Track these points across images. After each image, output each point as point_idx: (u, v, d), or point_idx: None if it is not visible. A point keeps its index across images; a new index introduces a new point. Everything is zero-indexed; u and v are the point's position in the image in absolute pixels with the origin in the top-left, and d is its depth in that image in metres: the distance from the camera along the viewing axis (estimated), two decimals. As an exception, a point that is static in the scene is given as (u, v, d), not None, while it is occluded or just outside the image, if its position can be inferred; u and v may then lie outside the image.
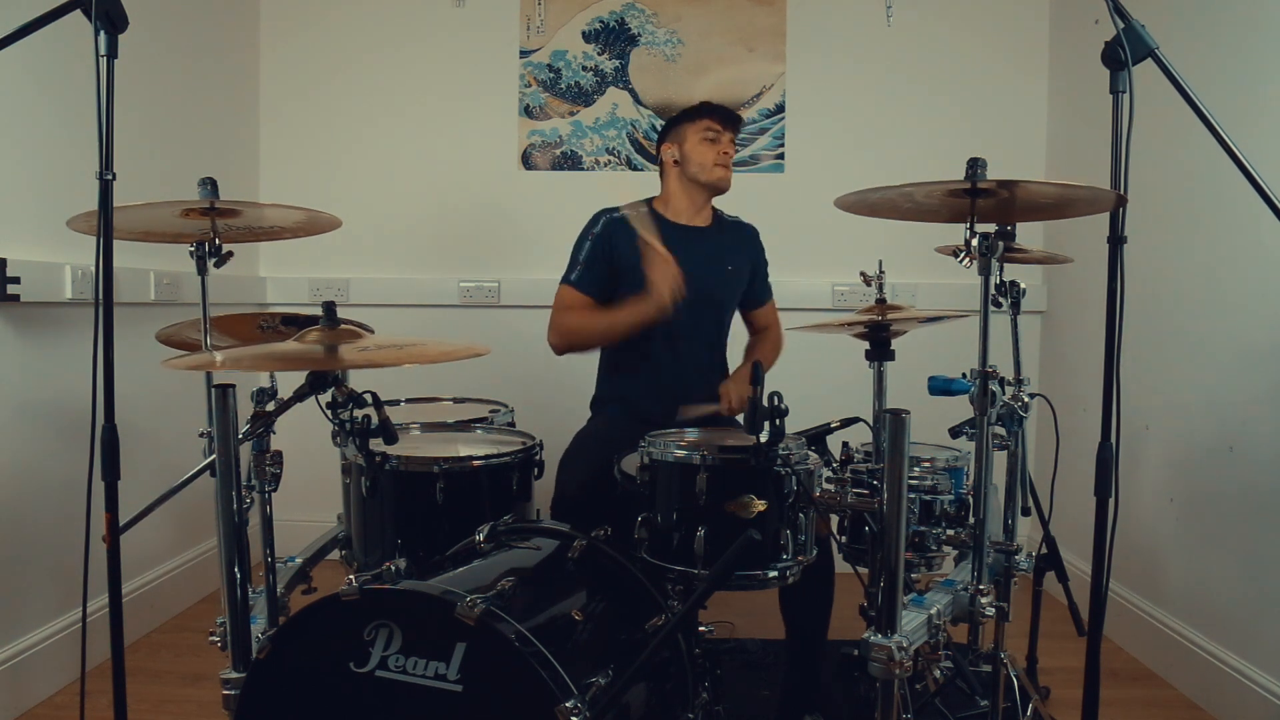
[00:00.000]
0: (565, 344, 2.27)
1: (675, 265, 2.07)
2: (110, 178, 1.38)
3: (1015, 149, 3.28)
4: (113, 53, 1.36)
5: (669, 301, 2.07)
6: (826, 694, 2.05)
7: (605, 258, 2.29)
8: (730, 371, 2.40)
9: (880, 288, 1.79)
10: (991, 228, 1.51)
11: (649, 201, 2.39)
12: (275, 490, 1.46)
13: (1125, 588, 2.61)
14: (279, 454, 1.45)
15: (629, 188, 3.01)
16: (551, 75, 3.34)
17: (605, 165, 3.34)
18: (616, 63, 3.34)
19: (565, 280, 2.31)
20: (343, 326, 1.39)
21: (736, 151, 2.38)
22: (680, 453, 1.57)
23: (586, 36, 3.33)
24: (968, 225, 1.50)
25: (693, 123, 2.32)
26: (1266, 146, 2.01)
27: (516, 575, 1.38)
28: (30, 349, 2.16)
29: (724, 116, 2.33)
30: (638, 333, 2.17)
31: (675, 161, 2.34)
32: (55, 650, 2.21)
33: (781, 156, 3.33)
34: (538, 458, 1.92)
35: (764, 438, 1.46)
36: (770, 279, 2.52)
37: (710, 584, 1.38)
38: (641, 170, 3.33)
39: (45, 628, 2.21)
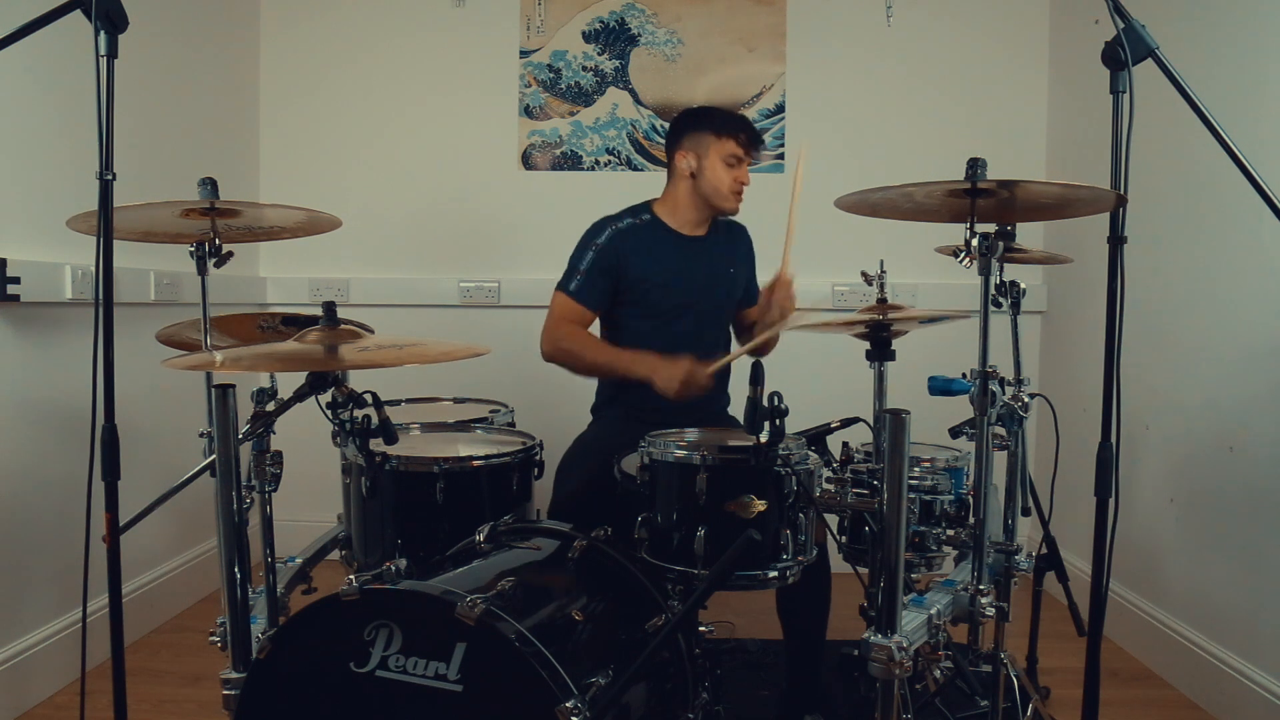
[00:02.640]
0: (557, 357, 2.20)
1: (706, 379, 2.02)
2: (110, 178, 1.38)
3: (1015, 149, 3.28)
4: (113, 53, 1.36)
5: (670, 395, 2.01)
6: (826, 694, 2.05)
7: (609, 271, 2.22)
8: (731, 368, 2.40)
9: (881, 288, 1.79)
10: (991, 228, 1.51)
11: (650, 206, 2.33)
12: (275, 490, 1.46)
13: (1125, 588, 2.61)
14: (279, 454, 1.45)
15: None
16: (551, 75, 3.34)
17: (605, 165, 3.34)
18: (616, 63, 3.34)
19: (563, 288, 2.23)
20: (343, 326, 1.39)
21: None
22: (680, 453, 1.57)
23: (586, 36, 3.33)
24: (968, 225, 1.50)
25: (719, 139, 2.20)
26: (1266, 147, 2.00)
27: (517, 575, 1.38)
28: (30, 349, 2.16)
29: (752, 140, 2.23)
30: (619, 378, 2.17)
31: (691, 174, 2.25)
32: (55, 650, 2.21)
33: (781, 156, 3.33)
34: (538, 458, 1.92)
35: (764, 438, 1.46)
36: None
37: (710, 584, 1.38)
38: (642, 170, 3.33)
39: (45, 628, 2.21)
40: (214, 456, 1.36)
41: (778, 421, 1.46)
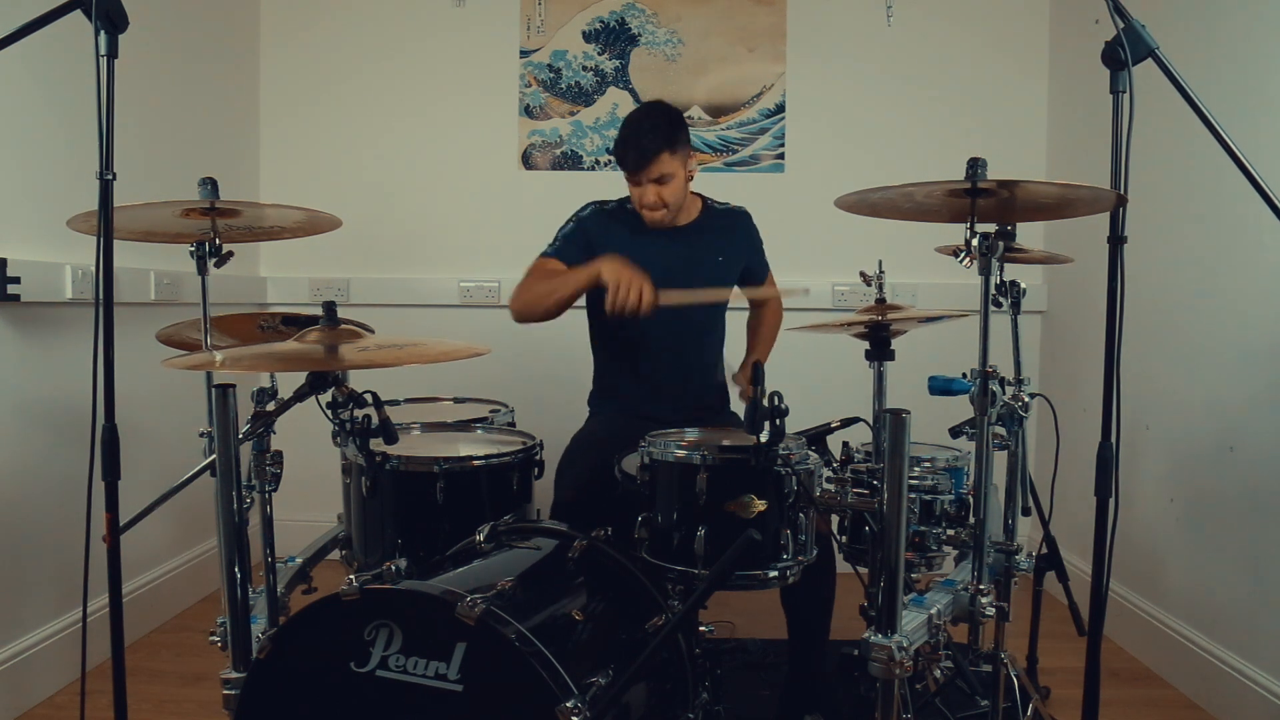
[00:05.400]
0: (517, 306, 2.19)
1: (651, 295, 1.97)
2: (110, 178, 1.38)
3: (1015, 149, 3.28)
4: (113, 53, 1.36)
5: (610, 283, 1.95)
6: (827, 694, 2.05)
7: (583, 242, 2.28)
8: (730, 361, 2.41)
9: (880, 288, 1.79)
10: (992, 228, 1.51)
11: None
12: (275, 490, 1.46)
13: (1125, 588, 2.61)
14: (279, 454, 1.45)
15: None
16: (552, 75, 3.34)
17: (605, 165, 3.34)
18: (617, 63, 3.34)
19: (542, 253, 2.28)
20: (343, 326, 1.39)
21: (686, 175, 2.22)
22: (680, 453, 1.57)
23: (587, 36, 3.33)
24: (968, 225, 1.50)
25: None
26: (1267, 146, 2.01)
27: (517, 575, 1.39)
28: (30, 349, 2.16)
29: (633, 163, 2.15)
30: (575, 298, 2.09)
31: None
32: (55, 650, 2.21)
33: (781, 156, 3.33)
34: (538, 458, 1.93)
35: (764, 438, 1.46)
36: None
37: (710, 584, 1.38)
38: (641, 170, 3.32)
39: (45, 628, 2.21)
40: (214, 456, 1.36)
41: (778, 421, 1.46)
